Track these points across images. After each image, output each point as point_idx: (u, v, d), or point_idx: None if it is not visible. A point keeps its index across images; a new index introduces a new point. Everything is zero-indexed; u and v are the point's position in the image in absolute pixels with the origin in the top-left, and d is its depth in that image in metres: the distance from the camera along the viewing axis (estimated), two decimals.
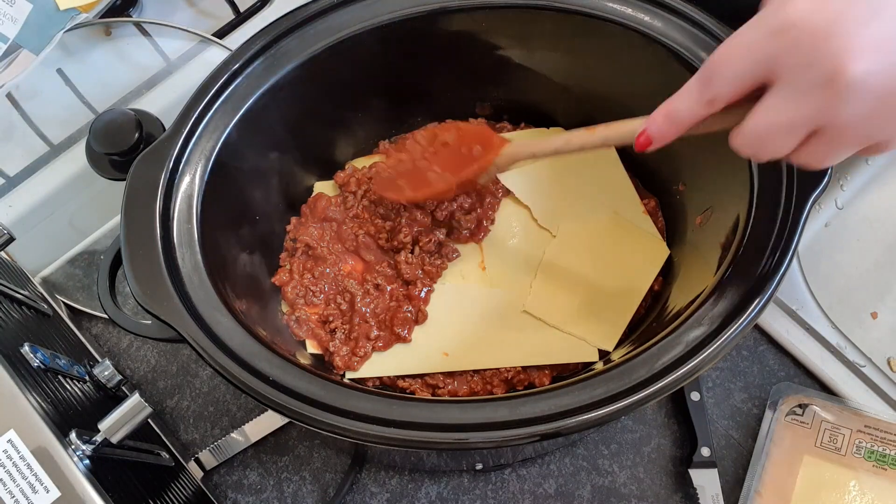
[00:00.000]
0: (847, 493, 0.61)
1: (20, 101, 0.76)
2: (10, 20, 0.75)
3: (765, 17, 0.36)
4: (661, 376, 0.46)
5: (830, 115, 0.35)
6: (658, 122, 0.42)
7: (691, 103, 0.40)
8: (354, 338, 0.62)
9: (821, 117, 0.36)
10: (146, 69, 0.78)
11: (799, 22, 0.34)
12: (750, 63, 0.37)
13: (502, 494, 0.65)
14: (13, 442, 0.45)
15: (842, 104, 0.34)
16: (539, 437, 0.45)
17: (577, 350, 0.61)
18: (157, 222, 0.53)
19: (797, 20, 0.34)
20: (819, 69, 0.34)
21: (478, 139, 0.60)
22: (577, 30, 0.61)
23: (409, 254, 0.64)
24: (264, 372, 0.48)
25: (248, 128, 0.59)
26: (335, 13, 0.61)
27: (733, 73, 0.38)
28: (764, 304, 0.47)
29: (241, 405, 0.70)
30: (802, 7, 0.35)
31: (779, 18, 0.35)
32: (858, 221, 0.71)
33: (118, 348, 0.73)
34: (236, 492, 0.67)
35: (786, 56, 0.35)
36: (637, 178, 0.68)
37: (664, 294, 0.62)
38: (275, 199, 0.66)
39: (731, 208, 0.54)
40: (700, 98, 0.39)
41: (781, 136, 0.37)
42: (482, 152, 0.59)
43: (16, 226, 0.72)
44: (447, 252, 0.65)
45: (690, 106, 0.40)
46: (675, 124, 0.41)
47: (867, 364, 0.65)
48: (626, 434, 0.67)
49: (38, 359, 0.53)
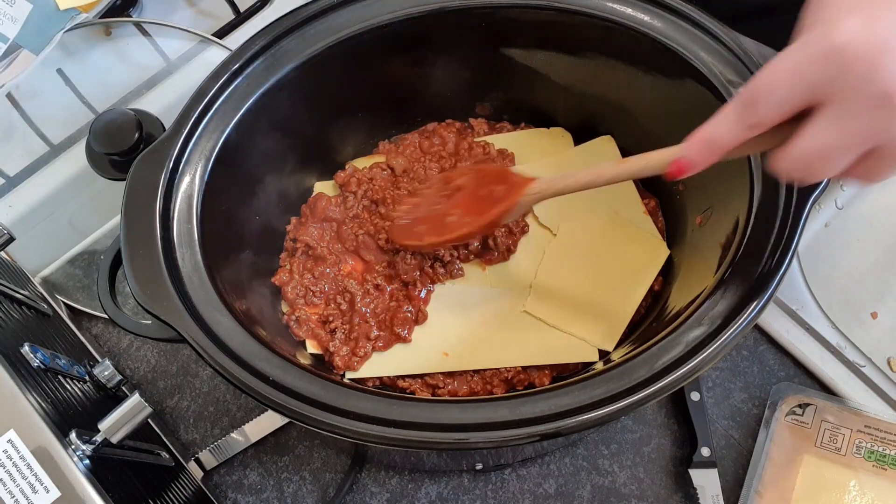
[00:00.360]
0: (847, 493, 0.61)
1: (20, 101, 0.76)
2: (10, 20, 0.75)
3: (811, 42, 0.36)
4: (661, 376, 0.46)
5: (886, 134, 0.36)
6: (696, 147, 0.41)
7: (732, 127, 0.39)
8: (354, 338, 0.62)
9: (876, 137, 0.36)
10: (146, 69, 0.78)
11: (849, 45, 0.34)
12: (797, 88, 0.36)
13: (502, 494, 0.65)
14: (13, 442, 0.45)
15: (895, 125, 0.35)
16: (539, 437, 0.45)
17: (577, 350, 0.61)
18: (157, 222, 0.53)
19: (847, 43, 0.34)
20: (872, 91, 0.34)
21: (497, 180, 0.58)
22: (578, 30, 0.61)
23: (407, 254, 0.64)
24: (264, 372, 0.48)
25: (248, 128, 0.59)
26: (335, 13, 0.61)
27: (779, 97, 0.37)
28: (764, 304, 0.47)
29: (241, 405, 0.70)
30: (851, 30, 0.34)
31: (827, 42, 0.35)
32: (858, 221, 0.71)
33: (118, 348, 0.73)
34: (236, 492, 0.67)
35: (837, 80, 0.35)
36: (637, 179, 0.68)
37: (664, 294, 0.62)
38: (275, 199, 0.66)
39: (731, 208, 0.54)
40: (741, 122, 0.39)
41: (834, 157, 0.37)
42: (504, 193, 0.56)
43: (16, 226, 0.72)
44: (451, 269, 0.65)
45: (731, 130, 0.40)
46: (715, 149, 0.41)
47: (867, 364, 0.65)
48: (626, 434, 0.67)
49: (38, 359, 0.53)
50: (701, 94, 0.56)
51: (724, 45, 0.56)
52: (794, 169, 0.38)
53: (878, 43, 0.34)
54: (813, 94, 0.36)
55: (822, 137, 0.37)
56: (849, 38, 0.34)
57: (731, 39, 0.56)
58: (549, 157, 0.70)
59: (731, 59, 0.55)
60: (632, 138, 0.68)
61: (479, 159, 0.68)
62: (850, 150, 0.37)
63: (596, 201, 0.67)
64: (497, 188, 0.57)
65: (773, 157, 0.39)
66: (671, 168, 0.43)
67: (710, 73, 0.56)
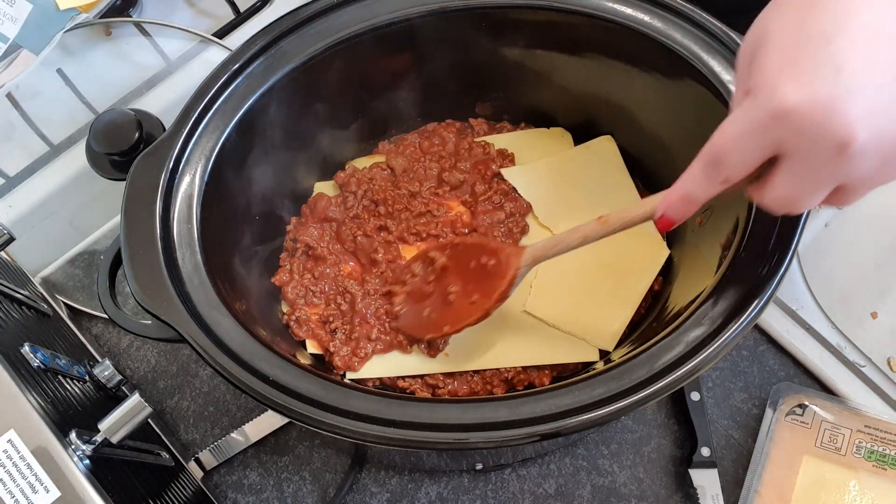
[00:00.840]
0: (847, 493, 0.61)
1: (20, 101, 0.76)
2: (10, 20, 0.75)
3: (759, 104, 0.37)
4: (661, 376, 0.46)
5: (845, 176, 0.38)
6: (675, 205, 0.45)
7: (705, 185, 0.42)
8: (355, 338, 0.62)
9: (838, 179, 0.38)
10: (146, 69, 0.78)
11: (796, 107, 0.36)
12: (757, 148, 0.38)
13: (502, 494, 0.65)
14: (13, 442, 0.45)
15: (855, 166, 0.37)
16: (539, 437, 0.45)
17: (577, 350, 0.61)
18: (157, 222, 0.53)
19: (793, 106, 0.36)
20: (827, 146, 0.36)
21: (481, 252, 0.58)
22: (578, 30, 0.61)
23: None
24: (264, 372, 0.48)
25: (248, 128, 0.59)
26: (335, 13, 0.61)
27: (741, 156, 0.39)
28: (764, 304, 0.47)
29: (241, 405, 0.70)
30: (793, 97, 0.36)
31: (774, 104, 0.36)
32: (858, 221, 0.71)
33: (118, 348, 0.73)
34: (236, 492, 0.67)
35: (791, 139, 0.37)
36: (637, 179, 0.68)
37: (664, 294, 0.62)
38: (275, 200, 0.66)
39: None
40: (712, 180, 0.41)
41: (804, 199, 0.40)
42: (497, 266, 0.57)
43: (16, 226, 0.71)
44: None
45: (704, 188, 0.42)
46: (692, 204, 0.44)
47: (867, 364, 0.65)
48: (626, 434, 0.67)
49: (38, 359, 0.53)
50: (701, 94, 0.56)
51: (724, 45, 0.56)
52: (772, 209, 0.41)
53: (823, 103, 0.35)
54: (772, 150, 0.38)
55: (788, 187, 0.39)
56: (792, 104, 0.36)
57: (731, 39, 0.56)
58: (549, 157, 0.70)
59: (732, 58, 0.55)
60: (631, 138, 0.68)
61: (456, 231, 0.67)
62: (816, 193, 0.39)
63: (596, 202, 0.67)
64: (487, 261, 0.58)
65: (752, 196, 0.42)
66: (658, 224, 0.46)
67: (710, 73, 0.56)
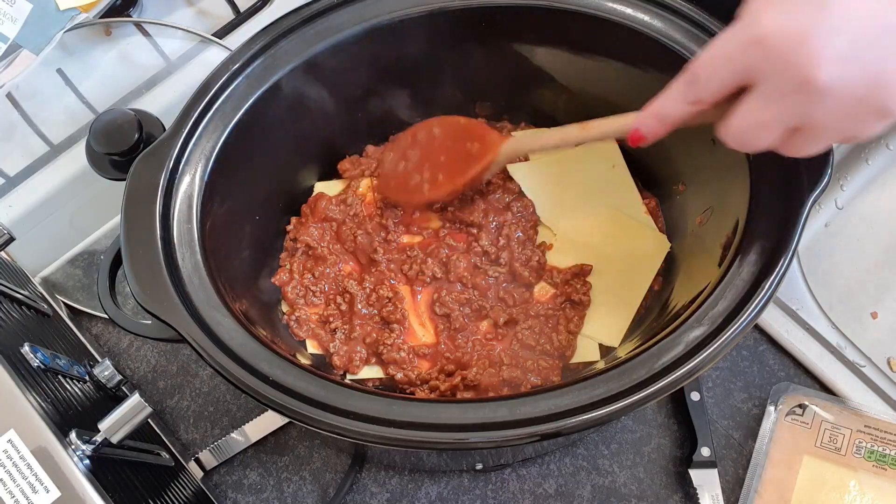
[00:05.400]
0: (847, 493, 0.61)
1: (20, 101, 0.76)
2: (10, 20, 0.75)
3: (741, 28, 0.40)
4: (661, 376, 0.46)
5: (806, 116, 0.39)
6: (648, 121, 0.47)
7: (678, 104, 0.44)
8: (355, 339, 0.62)
9: (797, 118, 0.40)
10: (146, 69, 0.78)
11: (771, 34, 0.38)
12: (729, 71, 0.41)
13: (502, 494, 0.65)
14: (13, 442, 0.45)
15: (815, 106, 0.39)
16: (539, 437, 0.45)
17: (577, 349, 0.61)
18: (157, 222, 0.53)
19: (769, 33, 0.38)
20: (791, 76, 0.38)
21: (469, 135, 0.61)
22: (578, 30, 0.61)
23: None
24: (264, 372, 0.48)
25: (248, 128, 0.59)
26: (335, 13, 0.61)
27: (715, 78, 0.41)
28: (764, 304, 0.47)
29: (241, 405, 0.70)
30: (773, 20, 0.38)
31: (753, 30, 0.39)
32: (858, 221, 0.71)
33: (118, 348, 0.73)
34: (236, 492, 0.67)
35: (761, 65, 0.39)
36: (637, 178, 0.68)
37: (665, 294, 0.62)
38: (275, 199, 0.66)
39: (731, 208, 0.54)
40: (685, 99, 0.44)
41: (762, 132, 0.41)
42: (480, 150, 0.60)
43: (16, 226, 0.71)
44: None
45: (677, 106, 0.44)
46: (664, 123, 0.46)
47: (867, 364, 0.65)
48: (626, 434, 0.67)
49: (38, 359, 0.53)
50: None
51: None
52: (730, 140, 0.43)
53: (796, 34, 0.37)
54: (744, 76, 0.40)
55: (751, 115, 0.41)
56: (769, 29, 0.38)
57: None
58: (551, 156, 0.70)
59: None
60: None
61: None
62: (775, 127, 0.41)
63: (596, 200, 0.67)
64: (474, 144, 0.61)
65: (717, 128, 0.44)
66: (629, 138, 0.48)
67: None
